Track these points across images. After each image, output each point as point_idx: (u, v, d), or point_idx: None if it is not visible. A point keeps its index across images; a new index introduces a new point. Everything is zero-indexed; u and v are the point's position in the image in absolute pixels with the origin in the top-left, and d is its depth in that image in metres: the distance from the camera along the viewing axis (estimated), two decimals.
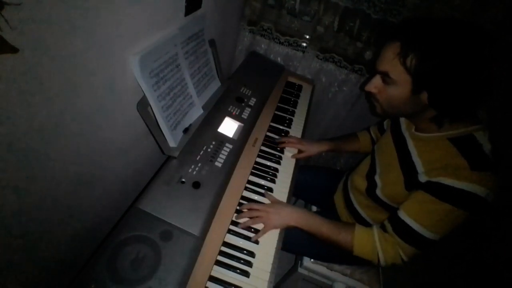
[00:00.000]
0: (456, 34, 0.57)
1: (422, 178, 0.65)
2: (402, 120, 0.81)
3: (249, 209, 0.77)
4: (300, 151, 1.00)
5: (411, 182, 0.68)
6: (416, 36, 0.59)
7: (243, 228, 0.75)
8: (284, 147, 1.00)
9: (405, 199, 0.69)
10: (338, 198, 0.99)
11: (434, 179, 0.62)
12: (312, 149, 1.00)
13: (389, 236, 0.67)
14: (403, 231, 0.65)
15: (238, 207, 0.79)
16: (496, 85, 0.59)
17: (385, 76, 0.64)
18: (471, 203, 0.59)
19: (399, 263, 0.67)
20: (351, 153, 1.11)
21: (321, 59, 1.35)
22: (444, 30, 0.58)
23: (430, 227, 0.62)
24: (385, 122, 0.98)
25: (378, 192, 0.77)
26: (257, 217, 0.75)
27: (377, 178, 0.80)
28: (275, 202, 0.80)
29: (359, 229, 0.72)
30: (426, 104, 0.62)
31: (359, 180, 0.86)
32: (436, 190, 0.62)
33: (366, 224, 0.83)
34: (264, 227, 0.75)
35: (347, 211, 0.91)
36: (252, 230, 0.75)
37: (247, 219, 0.76)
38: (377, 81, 0.67)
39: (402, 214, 0.66)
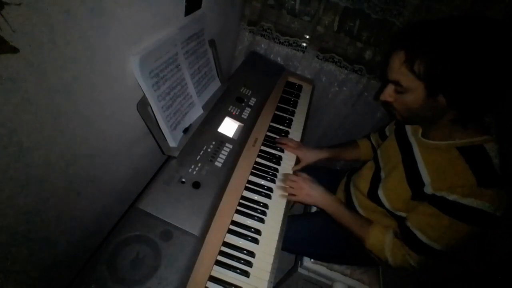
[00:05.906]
0: (460, 31, 0.55)
1: (428, 190, 0.65)
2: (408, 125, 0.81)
3: (290, 178, 0.87)
4: (298, 160, 0.99)
5: (417, 192, 0.68)
6: (419, 41, 0.58)
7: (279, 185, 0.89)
8: (283, 148, 1.00)
9: (406, 205, 0.71)
10: (339, 198, 0.98)
11: (439, 194, 0.62)
12: (310, 157, 0.98)
13: (401, 243, 0.69)
14: (412, 241, 0.67)
15: (238, 207, 0.79)
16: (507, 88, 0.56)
17: (397, 85, 0.64)
18: (478, 219, 0.58)
19: (408, 268, 0.69)
20: (352, 161, 1.10)
21: (321, 59, 1.35)
22: (446, 30, 0.57)
23: (438, 239, 0.63)
24: (386, 128, 0.97)
25: (380, 194, 0.78)
26: (291, 187, 0.86)
27: (381, 183, 0.80)
28: (311, 181, 0.86)
29: (374, 229, 0.75)
30: (445, 106, 0.60)
31: (363, 184, 0.87)
32: (441, 204, 0.62)
33: None
34: (292, 195, 0.85)
35: None
36: (252, 230, 0.76)
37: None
38: (390, 90, 0.67)
39: (410, 225, 0.67)
